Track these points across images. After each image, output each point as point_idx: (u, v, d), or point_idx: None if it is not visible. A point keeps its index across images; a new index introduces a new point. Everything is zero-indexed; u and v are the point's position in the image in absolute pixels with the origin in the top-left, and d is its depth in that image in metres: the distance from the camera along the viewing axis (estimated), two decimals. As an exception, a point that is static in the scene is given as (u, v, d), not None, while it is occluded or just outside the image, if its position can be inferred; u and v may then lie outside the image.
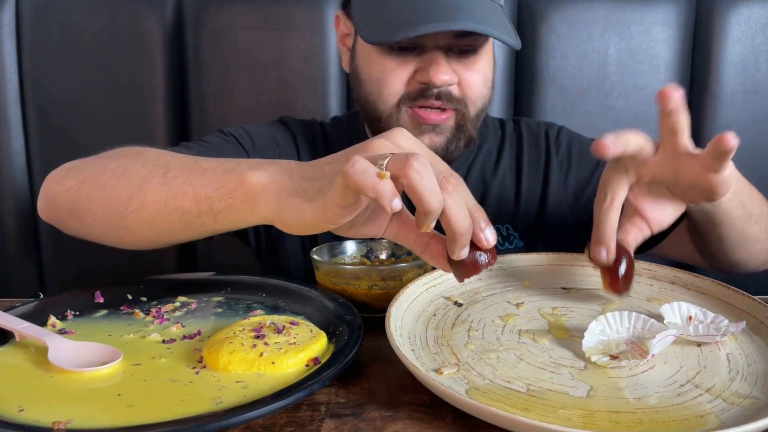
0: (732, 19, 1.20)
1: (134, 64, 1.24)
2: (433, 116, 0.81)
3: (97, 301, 0.66)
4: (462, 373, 0.50)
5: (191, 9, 1.23)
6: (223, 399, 0.47)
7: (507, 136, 0.99)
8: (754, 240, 0.74)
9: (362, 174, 0.44)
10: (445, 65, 0.79)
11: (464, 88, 0.82)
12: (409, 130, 0.77)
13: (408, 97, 0.81)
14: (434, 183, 0.46)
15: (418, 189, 0.45)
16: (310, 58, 1.23)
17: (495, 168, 0.96)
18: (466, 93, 0.82)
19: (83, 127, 1.25)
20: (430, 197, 0.45)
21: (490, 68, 0.85)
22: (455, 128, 0.83)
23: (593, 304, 0.64)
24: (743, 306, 0.61)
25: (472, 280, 0.69)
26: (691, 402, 0.47)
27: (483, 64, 0.83)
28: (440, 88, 0.80)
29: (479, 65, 0.82)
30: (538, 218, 0.94)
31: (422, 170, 0.45)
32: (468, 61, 0.81)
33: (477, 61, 0.82)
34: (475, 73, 0.82)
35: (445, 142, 0.83)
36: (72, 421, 0.43)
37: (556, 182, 0.95)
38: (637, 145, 0.59)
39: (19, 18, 1.25)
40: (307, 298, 0.65)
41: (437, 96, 0.80)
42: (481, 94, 0.83)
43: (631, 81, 1.23)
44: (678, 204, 0.64)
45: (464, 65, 0.81)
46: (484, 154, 0.96)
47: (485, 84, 0.84)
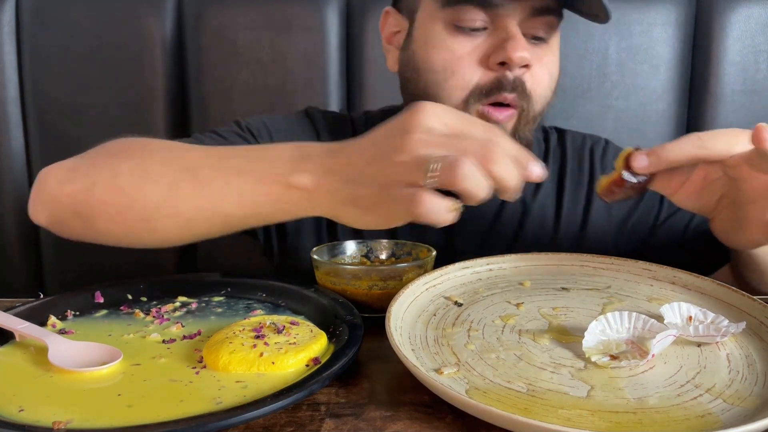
0: (732, 19, 1.20)
1: (134, 64, 1.24)
2: (498, 113, 0.73)
3: (97, 301, 0.65)
4: (462, 373, 0.50)
5: (191, 9, 1.23)
6: (223, 399, 0.47)
7: (551, 151, 0.92)
8: None
9: (434, 214, 0.47)
10: (524, 43, 0.70)
11: (533, 81, 0.74)
12: None
13: (480, 92, 0.73)
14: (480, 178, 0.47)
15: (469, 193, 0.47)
16: (310, 58, 1.23)
17: (536, 188, 0.89)
18: (534, 87, 0.74)
19: (83, 127, 1.25)
20: (480, 193, 0.47)
21: (558, 67, 0.78)
22: (513, 130, 0.75)
23: (593, 304, 0.64)
24: (743, 306, 0.61)
25: (473, 280, 0.69)
26: (691, 402, 0.47)
27: (552, 60, 0.76)
28: (516, 72, 0.71)
29: (548, 59, 0.75)
30: (577, 247, 0.86)
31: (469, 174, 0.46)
32: (539, 52, 0.74)
33: (546, 54, 0.75)
34: (545, 67, 0.75)
35: None
36: (72, 421, 0.43)
37: (599, 208, 0.88)
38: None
39: (19, 18, 1.25)
40: (307, 298, 0.65)
41: (512, 87, 0.72)
42: (545, 93, 0.76)
43: (631, 81, 1.23)
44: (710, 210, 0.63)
45: (536, 56, 0.73)
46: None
47: (551, 83, 0.76)
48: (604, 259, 0.72)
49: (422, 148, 0.48)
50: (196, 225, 0.60)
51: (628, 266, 0.71)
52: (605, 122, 1.24)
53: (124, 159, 0.65)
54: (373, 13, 1.20)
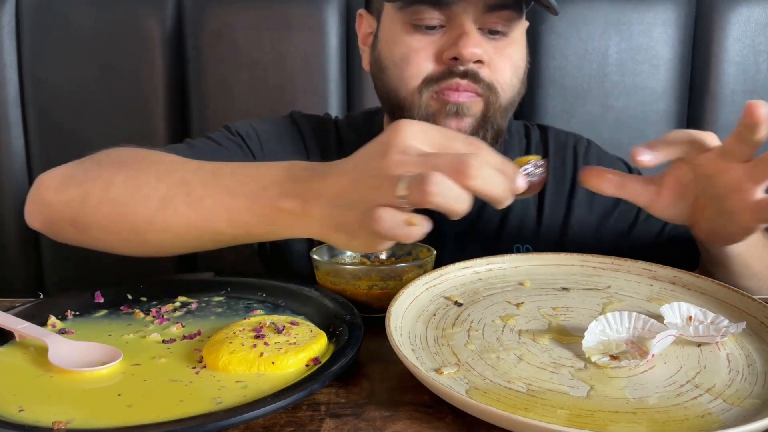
0: (732, 19, 1.20)
1: (134, 64, 1.24)
2: (456, 95, 0.75)
3: (97, 301, 0.65)
4: (462, 373, 0.50)
5: (191, 9, 1.23)
6: (223, 399, 0.47)
7: (532, 146, 0.94)
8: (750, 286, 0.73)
9: (393, 229, 0.46)
10: (476, 37, 0.73)
11: (494, 72, 0.76)
12: (433, 116, 0.76)
13: (432, 79, 0.76)
14: (454, 190, 0.45)
15: (445, 209, 0.45)
16: (310, 58, 1.23)
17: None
18: (496, 78, 0.76)
19: (83, 127, 1.25)
20: (458, 208, 0.46)
21: (522, 58, 0.80)
22: (481, 116, 0.77)
23: (593, 304, 0.64)
24: (743, 306, 0.61)
25: (473, 280, 0.69)
26: (691, 402, 0.47)
27: (514, 51, 0.78)
28: (468, 66, 0.74)
29: (510, 51, 0.77)
30: (559, 240, 0.89)
31: (440, 190, 0.44)
32: (498, 45, 0.76)
33: (508, 46, 0.77)
34: (506, 59, 0.77)
35: (470, 129, 0.77)
36: (72, 421, 0.43)
37: (581, 202, 0.90)
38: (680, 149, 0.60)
39: (19, 18, 1.25)
40: (307, 298, 0.65)
41: (464, 74, 0.74)
42: (511, 82, 0.78)
43: (631, 81, 1.23)
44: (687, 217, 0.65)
45: (495, 48, 0.76)
46: None
47: (515, 73, 0.79)
48: (604, 259, 0.72)
49: (398, 169, 0.47)
50: (187, 240, 0.61)
51: (628, 266, 0.71)
52: (605, 122, 1.24)
53: (119, 170, 0.65)
54: (373, 13, 1.20)
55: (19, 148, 1.28)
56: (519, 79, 0.80)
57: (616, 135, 1.24)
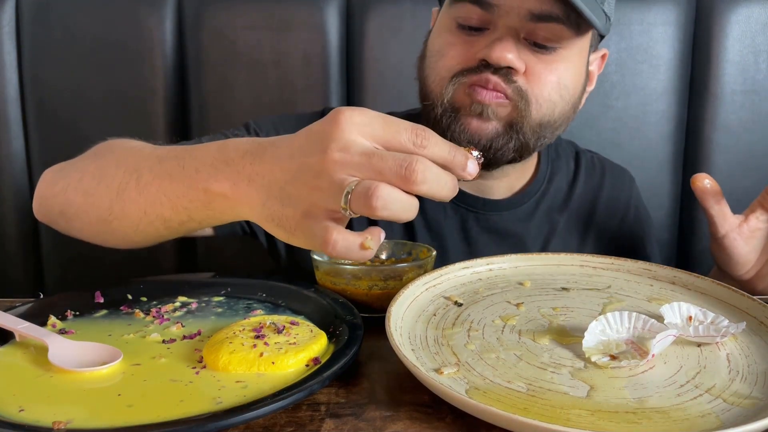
0: (732, 19, 1.20)
1: (134, 64, 1.24)
2: (484, 93, 0.72)
3: (97, 301, 0.65)
4: (462, 373, 0.50)
5: (191, 9, 1.23)
6: (223, 399, 0.47)
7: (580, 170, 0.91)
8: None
9: (348, 252, 0.45)
10: (510, 45, 0.70)
11: (531, 82, 0.73)
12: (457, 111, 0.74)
13: (462, 72, 0.73)
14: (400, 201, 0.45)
15: (392, 219, 0.45)
16: (310, 58, 1.23)
17: (564, 204, 0.89)
18: (533, 88, 0.73)
19: (83, 127, 1.25)
20: (405, 215, 0.45)
21: (573, 78, 0.76)
22: (507, 123, 0.74)
23: (593, 304, 0.64)
24: (743, 306, 0.61)
25: (473, 280, 0.69)
26: (691, 402, 0.47)
27: (562, 67, 0.74)
28: (498, 69, 0.71)
29: (556, 65, 0.74)
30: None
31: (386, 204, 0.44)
32: (544, 58, 0.73)
33: (555, 61, 0.73)
34: (550, 72, 0.73)
35: (492, 134, 0.73)
36: (72, 421, 0.43)
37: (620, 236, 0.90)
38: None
39: (19, 18, 1.25)
40: (307, 298, 0.65)
41: (495, 70, 0.71)
42: (550, 97, 0.74)
43: (631, 81, 1.23)
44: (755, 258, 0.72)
45: (538, 58, 0.73)
46: (555, 187, 0.89)
47: (559, 90, 0.74)
48: (604, 259, 0.72)
49: (340, 170, 0.45)
50: (143, 228, 0.61)
51: (628, 266, 0.71)
52: (605, 122, 1.24)
53: (93, 160, 0.67)
54: (374, 13, 1.20)
55: (19, 148, 1.27)
56: (563, 98, 0.75)
57: (616, 135, 1.24)
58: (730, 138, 1.21)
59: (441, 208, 0.85)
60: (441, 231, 0.85)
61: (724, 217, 0.70)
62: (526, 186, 0.87)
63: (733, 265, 0.74)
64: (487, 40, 0.72)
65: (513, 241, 0.86)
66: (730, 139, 1.21)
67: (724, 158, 1.19)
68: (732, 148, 1.21)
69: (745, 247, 0.71)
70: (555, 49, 0.73)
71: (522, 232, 0.87)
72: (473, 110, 0.73)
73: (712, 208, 0.70)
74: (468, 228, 0.85)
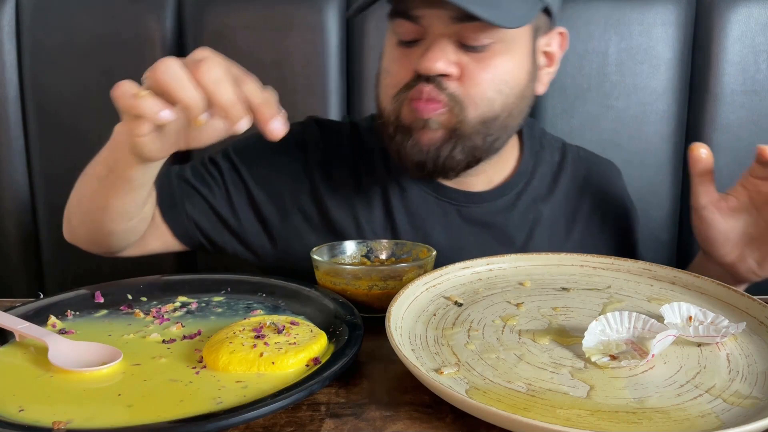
0: (732, 19, 1.20)
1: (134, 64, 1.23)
2: (422, 105, 0.74)
3: (97, 301, 0.66)
4: (462, 373, 0.50)
5: (191, 9, 1.23)
6: (223, 399, 0.47)
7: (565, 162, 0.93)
8: None
9: (122, 97, 0.54)
10: (437, 52, 0.72)
11: (465, 84, 0.74)
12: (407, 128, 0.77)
13: (403, 88, 0.76)
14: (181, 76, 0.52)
15: (163, 86, 0.52)
16: (310, 58, 1.23)
17: (549, 195, 0.90)
18: (467, 90, 0.74)
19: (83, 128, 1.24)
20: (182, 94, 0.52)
21: (513, 69, 0.76)
22: (448, 130, 0.75)
23: (593, 304, 0.64)
24: (743, 306, 0.61)
25: (473, 280, 0.69)
26: (691, 402, 0.47)
27: (497, 63, 0.74)
28: (431, 78, 0.73)
29: (492, 63, 0.74)
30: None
31: (167, 68, 0.52)
32: (478, 56, 0.74)
33: (489, 58, 0.74)
34: (483, 70, 0.74)
35: (439, 142, 0.76)
36: (72, 421, 0.43)
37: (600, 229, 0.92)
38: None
39: (19, 18, 1.25)
40: (307, 298, 0.65)
41: (427, 80, 0.73)
42: (486, 95, 0.74)
43: (631, 81, 1.23)
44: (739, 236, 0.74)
45: (472, 58, 0.74)
46: (538, 179, 0.90)
47: (496, 86, 0.75)
48: (604, 259, 0.72)
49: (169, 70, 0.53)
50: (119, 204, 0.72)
51: (628, 266, 0.71)
52: (605, 122, 1.24)
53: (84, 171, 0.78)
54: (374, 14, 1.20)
55: (19, 148, 1.27)
56: (502, 92, 0.76)
57: (615, 135, 1.24)
58: (730, 138, 1.21)
59: (423, 201, 0.87)
60: (423, 224, 0.86)
61: (706, 189, 0.73)
62: (508, 178, 0.89)
63: (711, 243, 0.75)
64: (421, 51, 0.74)
65: (495, 232, 0.87)
66: (730, 139, 1.21)
67: (724, 158, 1.19)
68: (732, 148, 1.21)
69: (724, 224, 0.74)
70: (487, 46, 0.74)
71: (504, 223, 0.87)
72: (418, 125, 0.76)
73: (698, 177, 0.73)
74: (450, 220, 0.87)
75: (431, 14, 0.73)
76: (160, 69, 0.52)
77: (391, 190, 0.87)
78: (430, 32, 0.74)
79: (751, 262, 0.74)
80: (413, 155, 0.77)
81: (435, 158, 0.76)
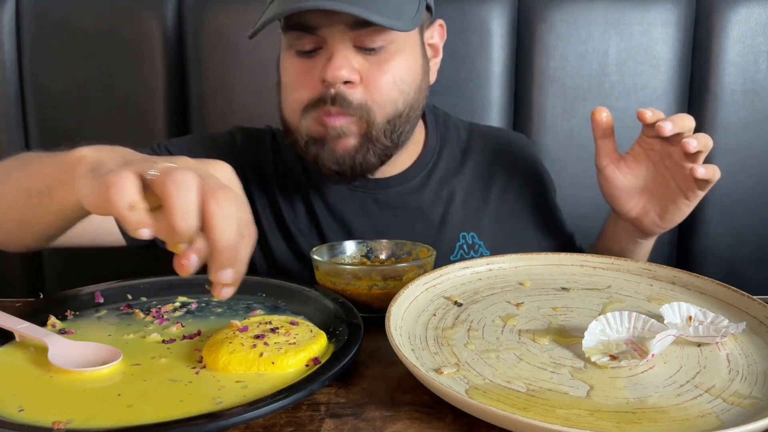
0: (732, 19, 1.20)
1: (134, 64, 1.24)
2: (332, 120, 0.77)
3: (97, 301, 0.66)
4: (462, 373, 0.50)
5: (191, 9, 1.23)
6: (223, 399, 0.47)
7: (473, 140, 0.97)
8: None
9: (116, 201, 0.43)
10: (340, 60, 0.74)
11: (369, 89, 0.77)
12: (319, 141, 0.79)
13: (310, 105, 0.78)
14: (190, 203, 0.43)
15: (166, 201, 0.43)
16: (310, 58, 1.23)
17: (459, 170, 0.93)
18: (372, 96, 0.77)
19: (83, 127, 1.25)
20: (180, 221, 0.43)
21: (409, 68, 0.79)
22: (361, 135, 0.78)
23: (593, 304, 0.64)
24: (743, 306, 0.61)
25: (473, 280, 0.69)
26: (691, 402, 0.47)
27: (395, 64, 0.77)
28: (338, 88, 0.75)
29: (390, 65, 0.77)
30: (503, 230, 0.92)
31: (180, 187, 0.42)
32: (377, 59, 0.77)
33: (388, 60, 0.77)
34: (384, 74, 0.77)
35: (352, 150, 0.79)
36: (72, 421, 0.43)
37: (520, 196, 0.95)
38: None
39: (19, 18, 1.25)
40: (307, 298, 0.65)
41: (333, 100, 0.75)
42: (389, 97, 0.78)
43: (631, 81, 1.23)
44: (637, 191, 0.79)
45: (372, 63, 0.77)
46: (446, 157, 0.94)
47: (397, 86, 0.78)
48: (604, 259, 0.72)
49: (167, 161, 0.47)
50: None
51: (628, 266, 0.71)
52: (605, 122, 1.24)
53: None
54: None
55: (19, 148, 1.27)
56: (403, 92, 0.79)
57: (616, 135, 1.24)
58: (730, 138, 1.21)
59: (340, 194, 0.90)
60: (343, 215, 0.89)
61: (607, 150, 0.79)
62: (416, 161, 0.92)
63: (616, 200, 0.81)
64: (322, 60, 0.76)
65: (411, 211, 0.90)
66: (730, 139, 1.21)
67: (724, 158, 1.19)
68: (732, 148, 1.21)
69: (625, 181, 0.79)
70: (383, 48, 0.77)
71: (417, 203, 0.91)
72: (332, 134, 0.78)
73: (600, 140, 0.79)
74: (367, 208, 0.90)
75: (328, 24, 0.75)
76: (175, 179, 0.43)
77: (311, 190, 0.90)
78: (328, 41, 0.76)
79: (653, 215, 0.79)
80: (330, 165, 0.80)
81: (351, 165, 0.80)
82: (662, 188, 0.78)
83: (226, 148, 0.94)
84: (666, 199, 0.78)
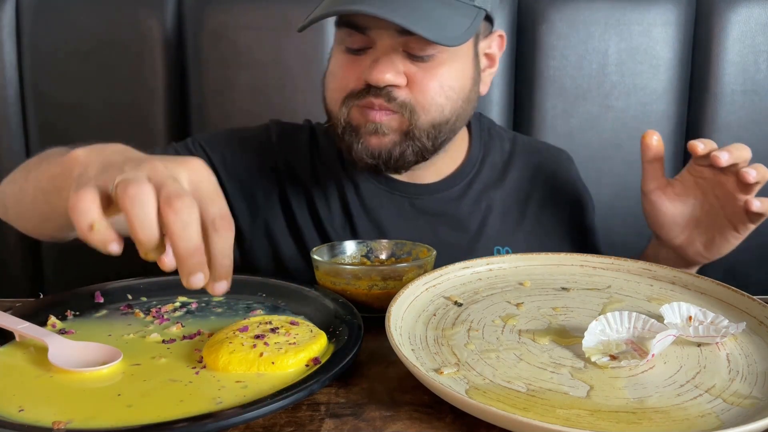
0: (732, 19, 1.20)
1: (134, 64, 1.24)
2: (374, 114, 0.77)
3: (97, 301, 0.66)
4: (462, 373, 0.50)
5: (191, 9, 1.23)
6: (223, 399, 0.47)
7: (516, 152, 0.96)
8: None
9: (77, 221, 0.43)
10: (386, 64, 0.75)
11: (415, 92, 0.77)
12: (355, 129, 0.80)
13: (353, 95, 0.79)
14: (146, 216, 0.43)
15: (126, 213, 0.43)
16: (310, 58, 1.23)
17: (499, 183, 0.93)
18: (417, 98, 0.77)
19: (83, 127, 1.25)
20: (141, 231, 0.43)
21: (458, 77, 0.80)
22: (403, 133, 0.79)
23: (593, 304, 0.64)
24: (743, 306, 0.61)
25: (473, 280, 0.69)
26: (691, 402, 0.47)
27: (443, 71, 0.78)
28: (381, 89, 0.76)
29: (438, 71, 0.78)
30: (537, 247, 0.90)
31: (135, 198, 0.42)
32: (425, 65, 0.77)
33: (435, 67, 0.77)
34: (431, 79, 0.77)
35: (390, 145, 0.79)
36: (72, 421, 0.43)
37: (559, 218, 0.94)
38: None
39: (19, 18, 1.25)
40: (307, 298, 0.65)
41: (377, 93, 0.76)
42: (435, 101, 0.78)
43: (631, 81, 1.23)
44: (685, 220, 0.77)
45: (420, 68, 0.77)
46: (488, 167, 0.93)
47: (443, 92, 0.78)
48: (604, 259, 0.72)
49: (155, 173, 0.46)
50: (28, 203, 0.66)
51: (628, 266, 0.71)
52: (605, 122, 1.24)
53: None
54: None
55: (19, 148, 1.27)
56: (450, 99, 0.79)
57: (616, 135, 1.24)
58: (730, 138, 1.21)
59: (377, 196, 0.89)
60: (379, 216, 0.89)
61: (655, 174, 0.77)
62: (458, 169, 0.91)
63: (660, 227, 0.79)
64: (370, 60, 0.77)
65: (448, 220, 0.90)
66: (730, 139, 1.21)
67: (724, 158, 1.19)
68: (732, 148, 1.21)
69: (671, 208, 0.77)
70: (433, 56, 0.77)
71: (456, 211, 0.90)
72: (369, 129, 0.79)
73: (647, 163, 0.77)
74: (404, 212, 0.89)
75: (378, 26, 0.75)
76: (129, 194, 0.43)
77: (347, 189, 0.90)
78: (377, 43, 0.77)
79: (698, 245, 0.77)
80: (363, 157, 0.80)
81: (387, 159, 0.80)
82: (710, 218, 0.75)
83: (260, 145, 0.93)
84: (713, 230, 0.75)
